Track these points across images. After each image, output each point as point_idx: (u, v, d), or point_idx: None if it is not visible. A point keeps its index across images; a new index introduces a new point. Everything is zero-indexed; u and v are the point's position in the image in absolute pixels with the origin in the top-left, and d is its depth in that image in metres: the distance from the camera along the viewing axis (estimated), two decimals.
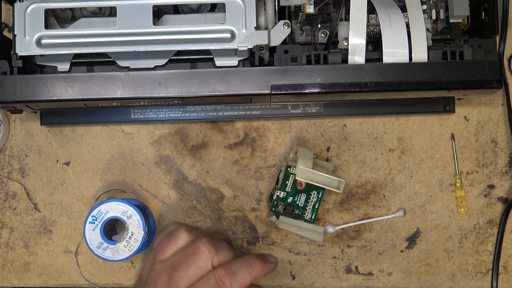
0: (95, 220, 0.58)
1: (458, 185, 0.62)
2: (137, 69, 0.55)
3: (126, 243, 0.58)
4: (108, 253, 0.58)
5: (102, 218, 0.58)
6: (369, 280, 0.63)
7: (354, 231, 0.63)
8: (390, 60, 0.53)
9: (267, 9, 0.55)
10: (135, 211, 0.58)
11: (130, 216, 0.58)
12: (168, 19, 0.56)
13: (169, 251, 0.53)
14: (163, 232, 0.56)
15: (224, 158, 0.63)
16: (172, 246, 0.53)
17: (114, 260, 0.58)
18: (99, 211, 0.58)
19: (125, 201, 0.58)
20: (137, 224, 0.58)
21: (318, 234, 0.60)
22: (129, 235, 0.58)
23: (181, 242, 0.53)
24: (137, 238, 0.58)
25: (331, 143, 0.63)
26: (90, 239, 0.58)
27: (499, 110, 0.63)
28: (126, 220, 0.58)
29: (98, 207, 0.58)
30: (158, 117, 0.62)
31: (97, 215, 0.58)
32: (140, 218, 0.58)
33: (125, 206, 0.58)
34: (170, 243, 0.53)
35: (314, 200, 0.59)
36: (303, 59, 0.53)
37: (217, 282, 0.51)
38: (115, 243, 0.58)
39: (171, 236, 0.54)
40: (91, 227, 0.58)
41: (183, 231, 0.54)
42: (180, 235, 0.54)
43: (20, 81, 0.52)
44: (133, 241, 0.58)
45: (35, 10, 0.54)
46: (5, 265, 0.64)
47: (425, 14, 0.57)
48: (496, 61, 0.53)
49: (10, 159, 0.64)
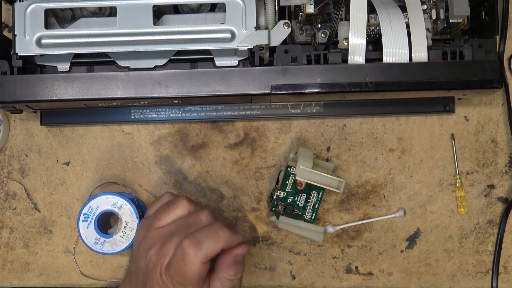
0: (88, 217, 0.58)
1: (458, 185, 0.62)
2: (137, 69, 0.55)
3: (122, 233, 0.58)
4: (107, 247, 0.58)
5: (94, 213, 0.58)
6: (369, 280, 0.63)
7: (354, 231, 0.63)
8: (390, 60, 0.53)
9: (267, 9, 0.55)
10: (124, 201, 0.58)
11: (121, 206, 0.58)
12: (168, 19, 0.56)
13: (167, 219, 0.52)
14: (158, 202, 0.55)
15: (224, 158, 0.63)
16: (171, 214, 0.52)
17: (114, 252, 0.58)
18: (90, 208, 0.58)
19: (114, 193, 0.58)
20: (129, 213, 0.58)
21: (318, 234, 0.60)
22: (123, 225, 0.58)
23: (180, 211, 0.52)
24: (132, 226, 0.58)
25: (331, 143, 0.63)
26: (86, 236, 0.58)
27: (499, 110, 0.63)
28: (118, 211, 0.58)
29: (88, 204, 0.58)
30: (158, 117, 0.62)
31: (89, 212, 0.58)
32: (131, 207, 0.58)
33: (114, 197, 0.58)
34: (170, 211, 0.52)
35: (314, 200, 0.59)
36: (303, 59, 0.53)
37: (181, 252, 0.48)
38: (111, 236, 0.58)
39: (171, 204, 0.52)
40: (85, 224, 0.58)
41: (184, 201, 0.52)
42: (181, 204, 0.52)
43: (20, 81, 0.52)
44: (129, 230, 0.58)
45: (35, 10, 0.54)
46: (5, 265, 0.64)
47: (425, 14, 0.57)
48: (496, 61, 0.53)
49: (10, 159, 0.64)
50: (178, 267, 0.48)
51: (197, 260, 0.47)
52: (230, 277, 0.51)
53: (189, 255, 0.47)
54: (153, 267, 0.50)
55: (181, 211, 0.52)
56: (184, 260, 0.47)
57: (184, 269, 0.47)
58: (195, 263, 0.47)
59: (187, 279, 0.48)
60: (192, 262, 0.47)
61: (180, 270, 0.48)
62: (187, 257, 0.47)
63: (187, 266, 0.47)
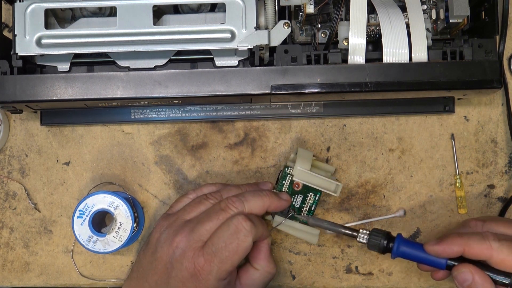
0: (83, 214, 0.58)
1: (458, 185, 0.62)
2: (137, 69, 0.55)
3: (116, 234, 0.58)
4: (99, 245, 0.58)
5: (90, 211, 0.58)
6: (369, 280, 0.63)
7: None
8: (390, 60, 0.53)
9: (267, 9, 0.55)
10: (121, 201, 0.58)
11: (117, 206, 0.58)
12: (168, 19, 0.56)
13: (197, 211, 0.53)
14: (185, 198, 0.57)
15: (224, 158, 0.63)
16: (201, 207, 0.54)
17: (105, 252, 0.58)
18: (86, 205, 0.58)
19: (111, 193, 0.58)
20: (125, 214, 0.58)
21: (313, 236, 0.59)
22: (117, 226, 0.58)
23: (209, 203, 0.54)
24: (126, 228, 0.58)
25: (331, 143, 0.63)
26: (79, 233, 0.58)
27: (499, 110, 0.63)
28: (113, 211, 0.58)
29: (84, 201, 0.58)
30: (158, 117, 0.62)
31: (84, 209, 0.58)
32: (127, 208, 0.58)
33: (111, 197, 0.58)
34: (200, 205, 0.54)
35: (310, 202, 0.59)
36: (303, 59, 0.53)
37: (226, 205, 0.51)
38: (104, 235, 0.58)
39: (202, 199, 0.54)
40: (79, 221, 0.58)
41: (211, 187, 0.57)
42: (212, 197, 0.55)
43: (20, 81, 0.52)
44: (122, 231, 0.58)
45: (35, 10, 0.54)
46: (5, 265, 0.64)
47: (425, 14, 0.57)
48: (496, 61, 0.53)
49: (10, 159, 0.64)
50: (228, 243, 0.49)
51: (251, 234, 0.50)
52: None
53: (230, 208, 0.51)
54: (183, 252, 0.50)
55: (210, 204, 0.54)
56: (238, 234, 0.50)
57: (237, 243, 0.49)
58: (249, 236, 0.50)
59: (237, 253, 0.50)
60: (246, 235, 0.50)
61: (231, 245, 0.49)
62: (228, 210, 0.51)
63: (240, 239, 0.50)
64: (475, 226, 0.54)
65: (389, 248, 0.53)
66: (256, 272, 0.54)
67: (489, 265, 0.49)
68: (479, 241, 0.49)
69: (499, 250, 0.48)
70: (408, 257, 0.52)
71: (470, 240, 0.49)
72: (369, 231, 0.54)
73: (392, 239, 0.53)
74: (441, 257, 0.51)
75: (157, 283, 0.51)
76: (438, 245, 0.50)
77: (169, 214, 0.55)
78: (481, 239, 0.49)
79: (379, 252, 0.53)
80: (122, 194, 0.60)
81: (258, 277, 0.54)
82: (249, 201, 0.52)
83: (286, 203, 0.56)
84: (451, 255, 0.50)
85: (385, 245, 0.53)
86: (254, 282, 0.54)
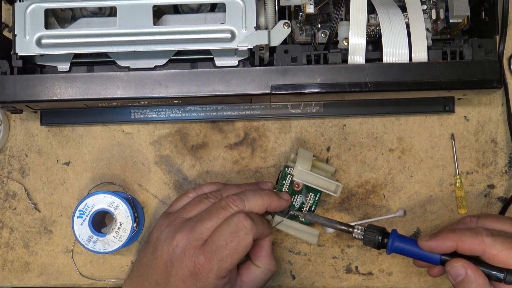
0: (83, 214, 0.58)
1: (458, 185, 0.62)
2: (137, 69, 0.55)
3: (116, 234, 0.58)
4: (99, 245, 0.58)
5: (90, 211, 0.58)
6: (369, 280, 0.63)
7: None
8: (390, 60, 0.53)
9: (267, 9, 0.55)
10: (121, 201, 0.58)
11: (117, 206, 0.58)
12: (168, 19, 0.56)
13: (197, 209, 0.53)
14: (185, 197, 0.57)
15: (224, 158, 0.63)
16: (201, 206, 0.54)
17: (105, 252, 0.58)
18: (86, 205, 0.58)
19: (111, 193, 0.58)
20: (125, 214, 0.58)
21: (313, 236, 0.59)
22: (117, 226, 0.58)
23: (209, 202, 0.54)
24: (126, 228, 0.58)
25: (331, 143, 0.63)
26: (79, 233, 0.58)
27: (499, 110, 0.63)
28: (113, 211, 0.58)
29: (84, 201, 0.58)
30: (158, 117, 0.62)
31: (84, 209, 0.58)
32: (127, 208, 0.58)
33: (111, 197, 0.58)
34: (200, 204, 0.54)
35: (310, 202, 0.59)
36: (303, 59, 0.53)
37: (226, 204, 0.51)
38: (104, 235, 0.58)
39: (202, 198, 0.54)
40: (79, 221, 0.58)
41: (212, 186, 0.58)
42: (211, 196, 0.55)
43: (20, 81, 0.52)
44: (122, 231, 0.58)
45: (35, 10, 0.54)
46: (5, 265, 0.64)
47: (425, 14, 0.57)
48: (496, 61, 0.53)
49: (10, 159, 0.64)
50: (228, 241, 0.49)
51: (251, 232, 0.50)
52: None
53: (230, 207, 0.51)
54: (183, 251, 0.50)
55: (210, 202, 0.54)
56: (238, 232, 0.50)
57: (237, 241, 0.50)
58: (250, 235, 0.50)
59: (237, 252, 0.50)
60: (247, 233, 0.50)
61: (231, 243, 0.49)
62: (228, 208, 0.51)
63: (240, 238, 0.50)
64: (469, 222, 0.54)
65: (384, 244, 0.53)
66: (257, 269, 0.55)
67: (483, 261, 0.49)
68: (472, 236, 0.49)
69: (491, 245, 0.48)
70: (403, 253, 0.52)
71: (463, 235, 0.49)
72: (365, 226, 0.54)
73: (387, 235, 0.53)
74: (435, 253, 0.51)
75: (157, 281, 0.52)
76: (432, 241, 0.50)
77: (169, 212, 0.55)
78: (473, 235, 0.49)
79: (375, 247, 0.54)
80: (122, 194, 0.60)
81: (259, 275, 0.55)
82: (250, 199, 0.52)
83: (286, 203, 0.56)
84: (444, 250, 0.50)
85: (380, 241, 0.53)
86: (255, 279, 0.55)
